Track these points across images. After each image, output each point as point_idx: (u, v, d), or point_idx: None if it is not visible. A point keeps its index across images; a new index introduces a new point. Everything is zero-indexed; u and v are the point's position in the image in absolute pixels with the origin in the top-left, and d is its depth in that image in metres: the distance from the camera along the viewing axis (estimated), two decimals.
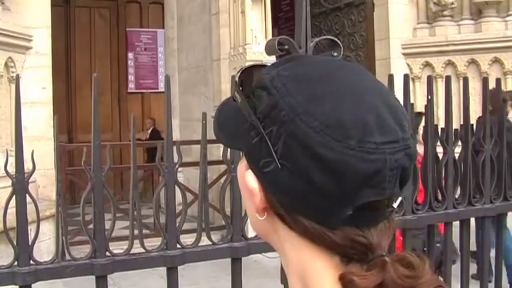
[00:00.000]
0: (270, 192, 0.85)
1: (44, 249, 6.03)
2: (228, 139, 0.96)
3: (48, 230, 6.32)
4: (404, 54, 9.61)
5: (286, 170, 0.81)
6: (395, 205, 0.86)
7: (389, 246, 0.87)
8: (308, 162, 0.79)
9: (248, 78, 0.91)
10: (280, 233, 0.88)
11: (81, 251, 2.22)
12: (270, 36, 8.43)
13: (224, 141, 0.98)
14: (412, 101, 2.80)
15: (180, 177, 8.69)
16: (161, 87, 12.58)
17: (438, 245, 3.42)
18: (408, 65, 9.57)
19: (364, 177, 0.79)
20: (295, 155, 0.80)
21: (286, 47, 2.14)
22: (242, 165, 0.91)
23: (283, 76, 0.84)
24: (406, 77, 2.73)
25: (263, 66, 0.92)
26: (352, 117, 0.79)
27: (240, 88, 0.89)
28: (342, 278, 0.81)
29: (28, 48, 7.16)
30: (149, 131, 12.49)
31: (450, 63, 9.39)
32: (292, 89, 0.82)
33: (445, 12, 9.41)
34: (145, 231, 5.25)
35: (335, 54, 2.12)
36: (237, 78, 0.90)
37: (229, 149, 2.38)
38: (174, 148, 2.31)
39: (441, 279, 0.84)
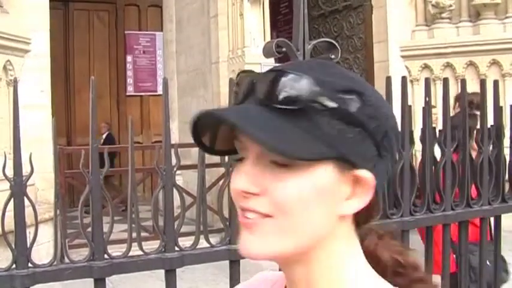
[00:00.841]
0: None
1: (44, 252, 6.03)
2: (299, 149, 0.84)
3: (47, 232, 6.32)
4: (402, 56, 9.62)
5: (385, 160, 0.92)
6: None
7: None
8: (396, 148, 0.94)
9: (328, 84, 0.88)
10: (340, 234, 0.92)
11: (80, 254, 2.22)
12: (268, 39, 8.44)
13: (293, 154, 0.84)
14: (410, 103, 2.80)
15: (179, 180, 8.70)
16: (160, 90, 12.58)
17: (489, 264, 3.17)
18: (407, 67, 9.57)
19: None
20: (393, 144, 0.93)
21: (284, 49, 2.15)
22: (315, 177, 0.86)
23: (354, 79, 0.92)
24: (403, 79, 2.73)
25: (286, 72, 0.87)
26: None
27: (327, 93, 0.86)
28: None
29: (27, 51, 7.15)
30: (104, 136, 12.20)
31: (449, 66, 9.40)
32: (373, 91, 0.93)
33: (444, 15, 9.42)
34: (144, 234, 5.25)
35: (333, 56, 2.13)
36: (318, 87, 0.85)
37: None
38: (173, 151, 2.31)
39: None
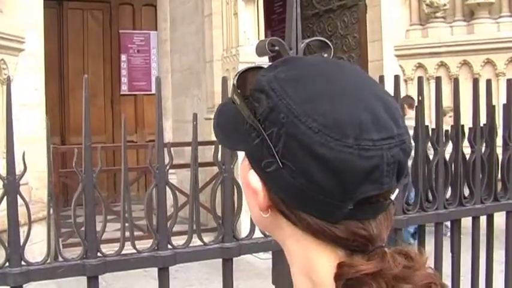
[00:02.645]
0: (272, 191, 0.88)
1: (38, 250, 6.02)
2: (227, 140, 0.99)
3: (41, 231, 6.29)
4: (397, 55, 9.64)
5: (287, 169, 0.84)
6: (392, 197, 0.89)
7: None
8: (308, 161, 0.82)
9: (246, 80, 0.93)
10: (284, 230, 0.91)
11: (74, 253, 2.22)
12: (263, 38, 8.44)
13: (224, 143, 1.01)
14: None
15: (174, 179, 8.68)
16: (154, 89, 12.49)
17: None
18: (401, 66, 9.59)
19: (363, 173, 0.82)
20: (296, 154, 0.83)
21: (276, 48, 2.16)
22: (244, 164, 0.93)
23: (280, 78, 0.87)
24: (396, 78, 2.74)
25: (260, 68, 0.94)
26: (349, 116, 0.82)
27: (238, 91, 0.91)
28: (341, 267, 0.84)
29: (21, 50, 7.14)
30: None
31: (443, 65, 9.42)
32: (290, 91, 0.85)
33: (438, 14, 9.44)
34: (138, 232, 5.25)
35: (325, 55, 2.13)
36: (235, 81, 0.93)
37: (220, 151, 2.39)
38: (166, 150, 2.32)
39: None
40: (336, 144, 0.81)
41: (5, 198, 2.05)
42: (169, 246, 2.26)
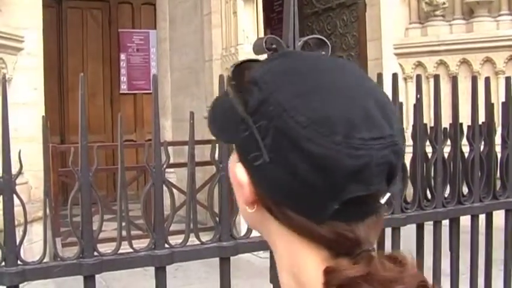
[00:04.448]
0: (259, 186, 0.86)
1: (37, 250, 6.01)
2: (219, 132, 0.97)
3: (40, 231, 6.27)
4: (396, 54, 9.62)
5: (274, 164, 0.82)
6: (382, 201, 0.86)
7: None
8: (295, 157, 0.80)
9: (243, 73, 0.91)
10: (270, 226, 0.89)
11: (74, 252, 2.22)
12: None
13: (215, 134, 0.98)
14: (403, 100, 2.81)
15: (173, 178, 8.66)
16: None
17: None
18: (400, 65, 9.57)
19: (350, 172, 0.80)
20: (283, 149, 0.81)
21: (274, 46, 2.15)
22: (233, 158, 0.92)
23: (274, 71, 0.86)
24: (394, 76, 2.74)
25: (256, 61, 0.93)
26: (339, 113, 0.80)
27: (233, 82, 0.91)
28: (328, 273, 0.82)
29: (20, 49, 7.12)
30: None
31: (442, 63, 9.40)
32: (281, 84, 0.84)
33: (437, 12, 9.43)
34: (137, 231, 5.24)
35: (323, 53, 2.12)
36: (230, 73, 0.92)
37: (217, 149, 2.39)
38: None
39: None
40: (323, 140, 0.79)
41: (1, 197, 2.05)
42: (166, 245, 2.26)
